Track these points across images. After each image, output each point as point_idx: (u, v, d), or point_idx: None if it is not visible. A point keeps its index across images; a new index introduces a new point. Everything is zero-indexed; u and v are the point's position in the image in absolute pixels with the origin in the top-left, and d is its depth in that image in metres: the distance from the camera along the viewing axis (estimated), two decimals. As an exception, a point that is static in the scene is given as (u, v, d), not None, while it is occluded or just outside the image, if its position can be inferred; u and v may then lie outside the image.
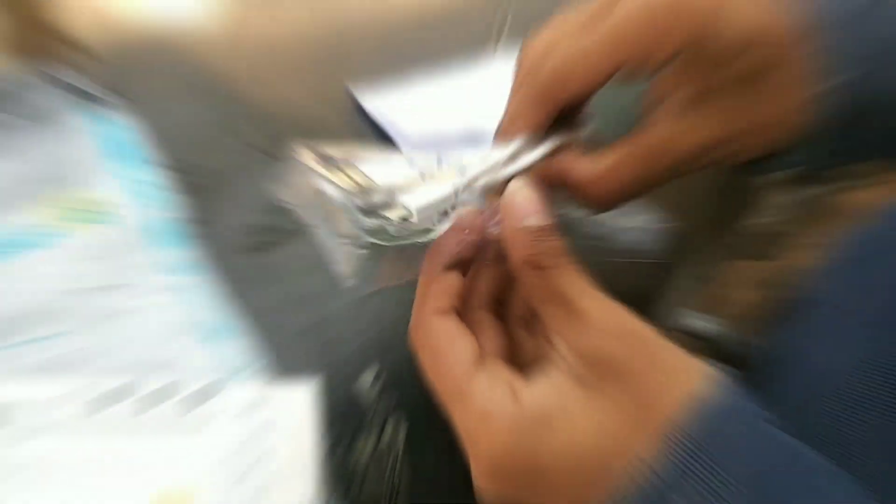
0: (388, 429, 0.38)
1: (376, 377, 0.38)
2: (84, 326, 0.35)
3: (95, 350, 0.34)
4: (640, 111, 0.30)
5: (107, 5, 0.50)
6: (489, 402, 0.25)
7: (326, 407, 0.34)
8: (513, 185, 0.27)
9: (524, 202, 0.26)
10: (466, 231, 0.28)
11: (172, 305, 0.35)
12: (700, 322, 0.93)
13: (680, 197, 0.59)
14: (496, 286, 0.29)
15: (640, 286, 0.49)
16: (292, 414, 0.33)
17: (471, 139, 0.50)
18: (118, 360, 0.34)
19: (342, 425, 0.36)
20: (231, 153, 0.43)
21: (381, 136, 0.48)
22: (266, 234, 0.40)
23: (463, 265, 0.28)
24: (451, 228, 0.28)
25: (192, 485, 0.30)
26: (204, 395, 0.32)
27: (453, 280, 0.28)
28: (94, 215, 0.37)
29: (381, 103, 0.49)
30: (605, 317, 0.25)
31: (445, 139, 0.49)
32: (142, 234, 0.37)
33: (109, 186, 0.38)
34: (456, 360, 0.26)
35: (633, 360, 0.24)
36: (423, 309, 0.27)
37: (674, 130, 0.28)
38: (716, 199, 0.61)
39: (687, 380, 0.24)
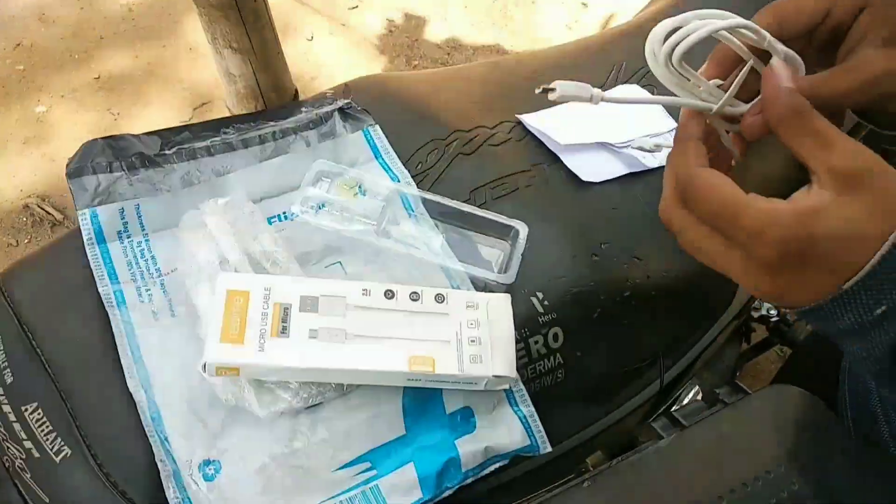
0: (550, 335, 0.55)
1: (542, 300, 0.55)
2: (363, 256, 0.55)
3: (375, 267, 0.54)
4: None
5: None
6: (770, 204, 0.34)
7: (514, 314, 0.52)
8: (774, 60, 0.37)
9: (783, 71, 0.37)
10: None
11: (415, 242, 0.55)
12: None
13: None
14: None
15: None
16: (496, 312, 0.51)
17: (598, 147, 0.67)
18: (387, 275, 0.53)
19: (523, 327, 0.53)
20: (437, 153, 0.63)
21: (540, 145, 0.66)
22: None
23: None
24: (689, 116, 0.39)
25: (434, 352, 0.49)
26: (441, 297, 0.51)
27: (701, 146, 0.38)
28: (359, 189, 0.57)
29: (538, 121, 0.67)
30: (848, 144, 0.34)
31: (580, 148, 0.66)
32: (392, 201, 0.57)
33: (370, 172, 0.58)
34: (728, 186, 0.35)
35: (871, 175, 0.33)
36: (688, 164, 0.37)
37: (875, 55, 0.38)
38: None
39: None
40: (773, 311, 1.13)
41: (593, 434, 0.63)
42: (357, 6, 1.97)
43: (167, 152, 0.58)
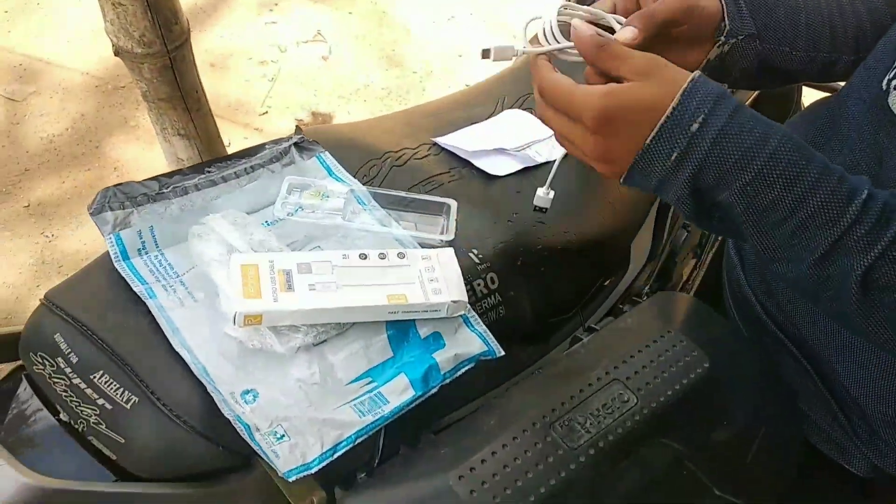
0: (488, 279, 0.72)
1: (477, 254, 0.72)
2: (335, 239, 0.71)
3: (346, 247, 0.70)
4: None
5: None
6: (587, 89, 0.51)
7: (459, 264, 0.69)
8: (575, 21, 0.54)
9: (584, 25, 0.53)
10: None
11: (373, 225, 0.71)
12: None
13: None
14: None
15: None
16: (445, 260, 0.68)
17: (498, 152, 0.87)
18: (358, 249, 0.69)
19: (467, 274, 0.70)
20: (376, 168, 0.81)
21: (454, 157, 0.85)
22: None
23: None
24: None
25: (404, 290, 0.64)
26: (402, 255, 0.67)
27: (546, 62, 0.55)
28: (322, 195, 0.74)
29: (450, 140, 0.87)
30: (639, 54, 0.51)
31: (485, 153, 0.86)
32: (349, 200, 0.74)
33: (329, 183, 0.75)
34: (564, 80, 0.53)
35: (660, 68, 0.50)
36: (540, 72, 0.54)
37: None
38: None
39: (688, 75, 0.50)
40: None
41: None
42: (266, 112, 2.18)
43: (165, 191, 0.72)
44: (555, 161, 0.71)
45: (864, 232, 0.47)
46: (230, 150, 2.15)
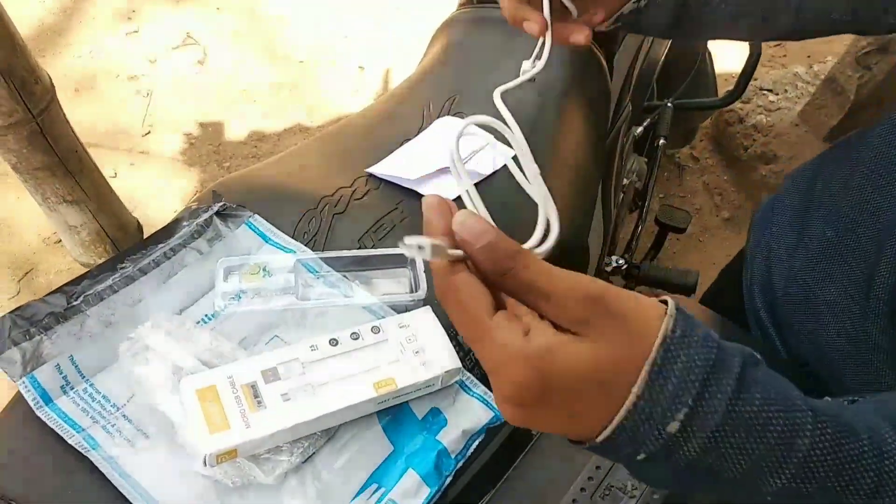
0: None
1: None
2: (293, 323, 0.61)
3: (307, 330, 0.60)
4: None
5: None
6: (506, 338, 0.30)
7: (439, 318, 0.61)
8: (459, 215, 0.31)
9: (474, 227, 0.31)
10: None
11: (333, 296, 0.62)
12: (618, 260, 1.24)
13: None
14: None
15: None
16: (425, 323, 0.60)
17: (440, 173, 0.79)
18: (322, 331, 0.60)
19: (449, 328, 0.62)
20: (316, 221, 0.71)
21: (396, 186, 0.76)
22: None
23: None
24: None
25: (390, 372, 0.56)
26: (377, 329, 0.58)
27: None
28: (264, 272, 0.64)
29: (385, 168, 0.78)
30: (566, 290, 0.30)
31: (428, 178, 0.77)
32: (298, 270, 0.64)
33: (268, 254, 0.65)
34: (478, 306, 0.31)
35: (600, 317, 0.30)
36: (445, 272, 0.31)
37: None
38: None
39: (655, 321, 0.30)
40: (621, 261, 1.32)
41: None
42: (149, 132, 1.98)
43: (75, 303, 0.60)
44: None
45: None
46: (115, 183, 1.95)
